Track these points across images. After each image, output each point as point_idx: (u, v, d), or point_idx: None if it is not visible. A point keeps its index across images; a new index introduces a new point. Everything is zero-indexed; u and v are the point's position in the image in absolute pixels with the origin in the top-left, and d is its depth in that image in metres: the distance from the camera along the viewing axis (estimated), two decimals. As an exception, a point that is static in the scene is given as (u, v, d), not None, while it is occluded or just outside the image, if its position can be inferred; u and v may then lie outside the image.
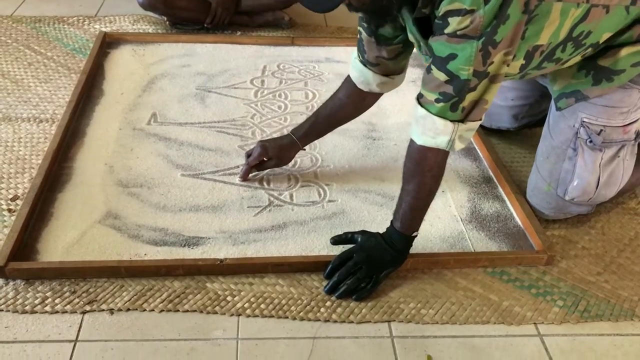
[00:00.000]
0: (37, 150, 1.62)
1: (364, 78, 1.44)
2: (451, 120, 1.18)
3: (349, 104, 1.51)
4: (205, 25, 2.28)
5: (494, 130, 1.80)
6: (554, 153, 1.45)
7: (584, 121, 1.38)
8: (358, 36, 1.41)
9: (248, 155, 1.57)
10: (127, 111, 1.82)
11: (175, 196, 1.51)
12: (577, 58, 1.31)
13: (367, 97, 1.51)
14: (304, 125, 1.55)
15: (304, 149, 1.58)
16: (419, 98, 1.22)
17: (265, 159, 1.55)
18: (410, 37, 1.31)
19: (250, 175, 1.57)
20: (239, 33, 2.33)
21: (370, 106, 1.57)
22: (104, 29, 2.25)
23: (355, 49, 1.45)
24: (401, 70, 1.45)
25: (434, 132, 1.19)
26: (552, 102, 1.44)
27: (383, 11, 1.19)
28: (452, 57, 1.12)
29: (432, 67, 1.16)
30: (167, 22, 2.32)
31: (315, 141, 1.73)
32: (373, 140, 1.78)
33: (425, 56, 1.28)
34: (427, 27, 1.20)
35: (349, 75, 1.50)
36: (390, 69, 1.42)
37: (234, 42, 2.25)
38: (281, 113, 1.87)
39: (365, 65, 1.42)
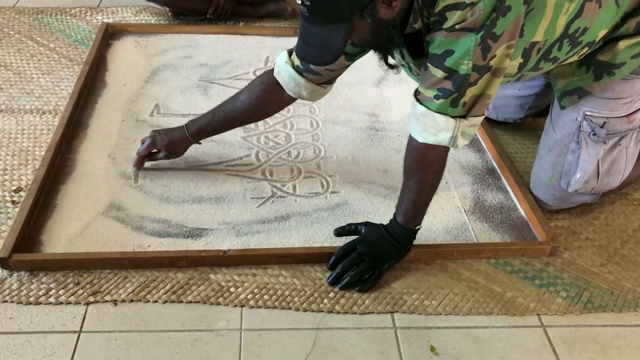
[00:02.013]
0: (40, 142, 1.63)
1: (295, 84, 1.39)
2: (452, 117, 1.16)
3: (251, 107, 1.46)
4: (208, 16, 2.27)
5: (499, 122, 1.80)
6: (556, 146, 1.44)
7: (586, 114, 1.37)
8: None
9: (142, 143, 1.54)
10: (129, 102, 1.82)
11: (178, 188, 1.51)
12: (574, 58, 1.30)
13: (278, 101, 1.46)
14: (199, 120, 1.51)
15: (199, 143, 1.54)
16: (417, 95, 1.20)
17: (154, 150, 1.52)
18: (397, 60, 1.29)
19: (147, 164, 1.55)
20: (241, 24, 2.32)
21: (279, 111, 1.54)
22: (106, 20, 2.24)
23: (283, 51, 1.41)
24: (334, 81, 1.43)
25: (435, 129, 1.18)
26: (554, 96, 1.43)
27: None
28: (449, 53, 1.10)
29: (429, 64, 1.14)
30: (170, 13, 2.31)
31: (318, 132, 1.74)
32: (376, 131, 1.77)
33: (417, 76, 1.27)
34: (416, 47, 1.19)
35: (259, 77, 1.47)
36: (326, 79, 1.39)
37: (236, 32, 2.24)
38: (284, 104, 1.86)
39: (300, 73, 1.37)
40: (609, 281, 1.35)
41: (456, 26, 1.08)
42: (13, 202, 1.43)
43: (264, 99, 1.46)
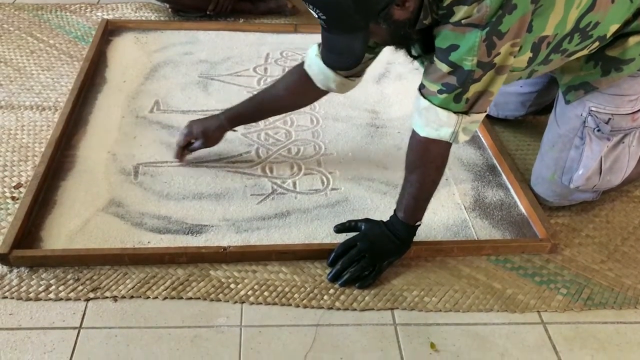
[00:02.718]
0: (40, 138, 1.62)
1: (324, 77, 1.40)
2: (455, 112, 1.16)
3: (286, 96, 1.49)
4: (208, 12, 2.26)
5: (499, 119, 1.79)
6: (560, 141, 1.44)
7: (591, 110, 1.37)
8: None
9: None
10: (129, 99, 1.81)
11: (178, 184, 1.51)
12: (584, 52, 1.30)
13: (311, 93, 1.48)
14: (236, 107, 1.53)
15: (235, 130, 1.56)
16: (421, 89, 1.21)
17: (192, 140, 1.54)
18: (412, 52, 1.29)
19: (190, 157, 1.56)
20: (241, 20, 2.31)
21: (313, 102, 1.57)
22: (106, 17, 2.24)
23: (315, 44, 1.40)
24: (363, 73, 1.43)
25: (437, 123, 1.18)
26: (560, 91, 1.43)
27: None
28: (454, 47, 1.11)
29: (435, 58, 1.15)
30: (170, 10, 2.30)
31: (319, 129, 1.73)
32: (376, 128, 1.77)
33: None
34: (427, 42, 1.19)
35: (294, 68, 1.48)
36: (354, 72, 1.39)
37: (236, 29, 2.23)
38: (284, 101, 1.86)
39: None
40: (609, 278, 1.35)
41: (462, 21, 1.08)
42: (13, 198, 1.43)
43: (296, 90, 1.48)
